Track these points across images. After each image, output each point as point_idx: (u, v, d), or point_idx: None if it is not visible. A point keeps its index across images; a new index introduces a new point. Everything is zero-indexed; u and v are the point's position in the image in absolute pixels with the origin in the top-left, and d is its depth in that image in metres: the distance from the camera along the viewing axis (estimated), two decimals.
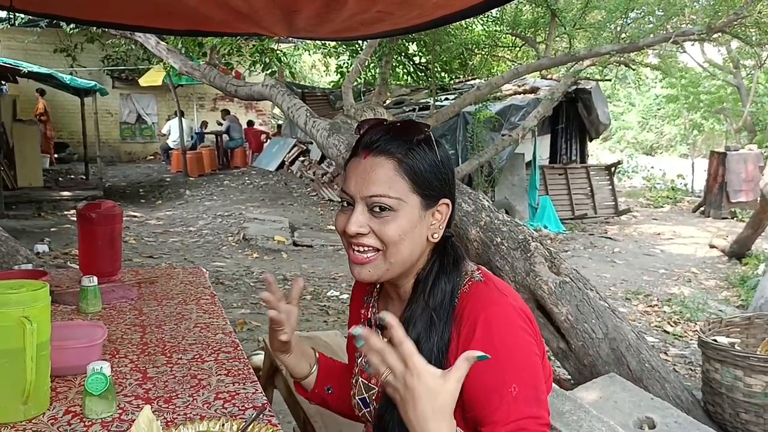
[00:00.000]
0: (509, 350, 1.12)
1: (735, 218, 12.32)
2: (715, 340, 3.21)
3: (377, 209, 1.18)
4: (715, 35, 8.62)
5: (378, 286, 1.40)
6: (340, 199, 1.24)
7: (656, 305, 6.56)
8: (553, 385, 1.52)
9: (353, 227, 1.18)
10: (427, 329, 1.18)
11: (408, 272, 1.26)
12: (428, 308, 1.20)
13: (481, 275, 1.24)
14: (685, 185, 17.25)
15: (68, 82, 11.75)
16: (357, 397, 1.37)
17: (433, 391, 0.94)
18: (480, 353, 0.95)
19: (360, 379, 1.38)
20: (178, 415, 1.45)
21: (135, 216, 10.35)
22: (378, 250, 1.20)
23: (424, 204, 1.20)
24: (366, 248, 1.20)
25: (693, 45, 14.01)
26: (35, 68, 11.45)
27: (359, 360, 1.40)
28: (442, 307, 1.20)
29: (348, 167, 1.24)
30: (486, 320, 1.14)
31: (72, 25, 9.99)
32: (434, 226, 1.23)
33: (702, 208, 13.41)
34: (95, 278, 2.19)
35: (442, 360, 1.17)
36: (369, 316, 1.40)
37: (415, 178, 1.18)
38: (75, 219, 3.41)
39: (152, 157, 18.26)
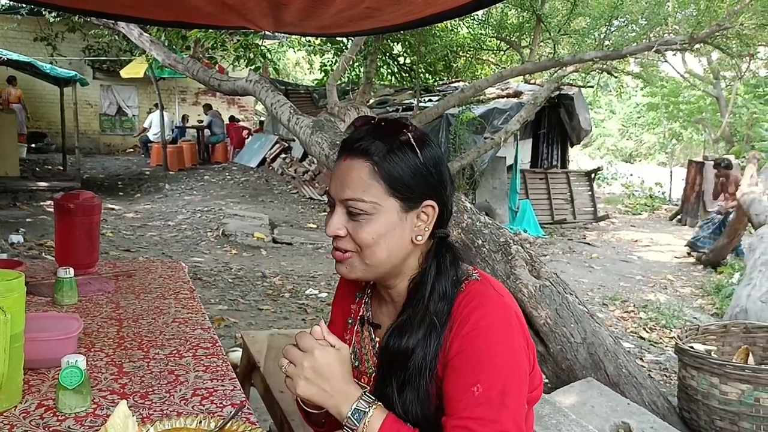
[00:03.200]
0: (489, 348, 1.12)
1: None
2: (692, 347, 3.23)
3: (353, 212, 1.17)
4: (697, 45, 8.74)
5: (371, 283, 1.38)
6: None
7: (632, 311, 6.61)
8: None
9: (330, 229, 1.20)
10: (427, 335, 1.18)
11: (395, 273, 1.25)
12: (430, 313, 1.19)
13: (478, 275, 1.23)
14: (663, 193, 17.47)
15: (48, 71, 11.59)
16: None
17: (332, 364, 1.14)
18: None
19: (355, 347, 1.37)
20: (155, 411, 1.43)
21: (113, 209, 10.22)
22: (352, 251, 1.20)
23: (403, 207, 1.18)
24: (342, 250, 1.21)
25: (674, 55, 14.19)
26: (14, 56, 11.27)
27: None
28: (442, 310, 1.19)
29: (333, 169, 1.24)
30: (478, 317, 1.14)
31: (54, 14, 9.87)
32: (419, 228, 1.21)
33: (679, 217, 13.59)
34: (72, 270, 2.16)
35: (434, 364, 1.17)
36: (360, 312, 1.38)
37: (392, 182, 1.16)
38: (51, 210, 3.36)
39: (132, 149, 18.07)
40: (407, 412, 1.18)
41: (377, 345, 1.31)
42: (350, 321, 1.40)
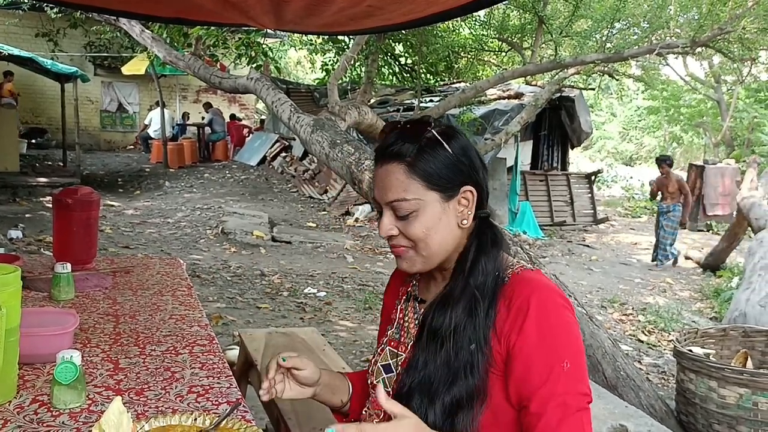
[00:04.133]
0: (562, 328, 1.17)
1: (711, 231, 12.50)
2: (691, 351, 3.23)
3: (400, 212, 1.25)
4: (699, 49, 8.72)
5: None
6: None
7: (631, 314, 6.61)
8: None
9: (382, 232, 1.28)
10: (468, 309, 1.22)
11: (450, 257, 1.30)
12: (470, 287, 1.24)
13: (531, 266, 1.29)
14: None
15: (49, 67, 11.58)
16: (380, 363, 1.39)
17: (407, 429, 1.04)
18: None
19: (388, 348, 1.40)
20: (150, 407, 1.42)
21: (112, 205, 10.22)
22: (408, 247, 1.27)
23: (444, 197, 1.26)
24: (399, 246, 1.28)
25: (676, 58, 14.22)
26: (15, 51, 11.25)
27: (389, 332, 1.43)
28: (485, 285, 1.23)
29: (373, 177, 1.32)
30: (540, 300, 1.18)
31: (55, 9, 9.86)
32: (462, 212, 1.28)
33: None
34: (69, 265, 2.15)
35: (484, 338, 1.20)
36: (408, 291, 1.44)
37: (428, 177, 1.24)
38: (50, 205, 3.35)
39: (132, 146, 18.06)
40: (454, 381, 1.19)
41: (421, 317, 1.34)
42: (397, 301, 1.46)
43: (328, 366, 2.64)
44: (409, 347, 1.34)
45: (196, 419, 1.33)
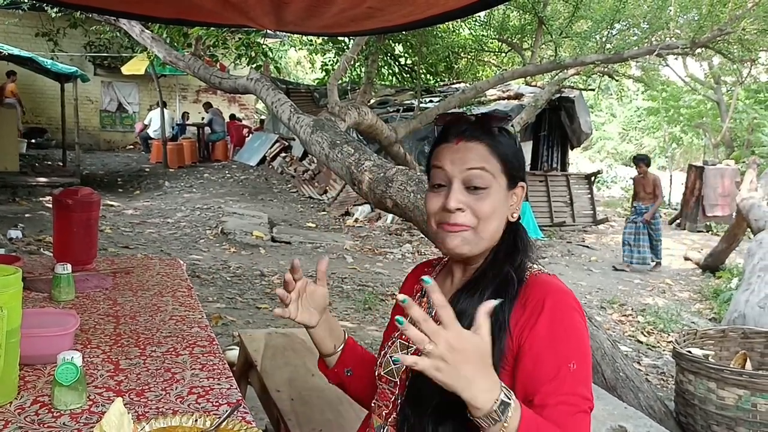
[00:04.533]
0: (573, 330, 1.19)
1: (710, 232, 12.49)
2: (690, 352, 3.23)
3: (473, 188, 1.26)
4: (698, 50, 8.73)
5: (438, 269, 1.47)
6: (431, 183, 1.33)
7: (630, 315, 6.61)
8: None
9: (453, 203, 1.25)
10: (499, 291, 1.23)
11: (488, 250, 1.32)
12: (501, 272, 1.26)
13: (548, 271, 1.31)
14: (663, 197, 17.45)
15: (49, 66, 11.57)
16: (389, 356, 1.38)
17: (478, 347, 1.00)
18: (496, 301, 1.05)
19: (398, 341, 1.39)
20: (150, 408, 1.42)
21: (112, 205, 10.21)
22: (470, 226, 1.27)
23: (508, 185, 1.30)
24: (460, 226, 1.27)
25: (676, 59, 14.23)
26: (15, 51, 11.25)
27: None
28: (515, 276, 1.25)
29: (438, 152, 1.32)
30: (555, 300, 1.21)
31: (55, 9, 9.85)
32: (513, 206, 1.32)
33: (678, 221, 13.57)
34: (69, 266, 2.15)
35: (498, 337, 1.18)
36: (422, 288, 1.43)
37: (504, 160, 1.29)
38: (50, 205, 3.35)
39: (132, 146, 18.05)
40: None
41: (434, 313, 1.31)
42: (415, 294, 1.46)
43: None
44: None
45: (196, 420, 1.33)
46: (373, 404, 1.43)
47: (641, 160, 9.12)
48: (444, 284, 1.39)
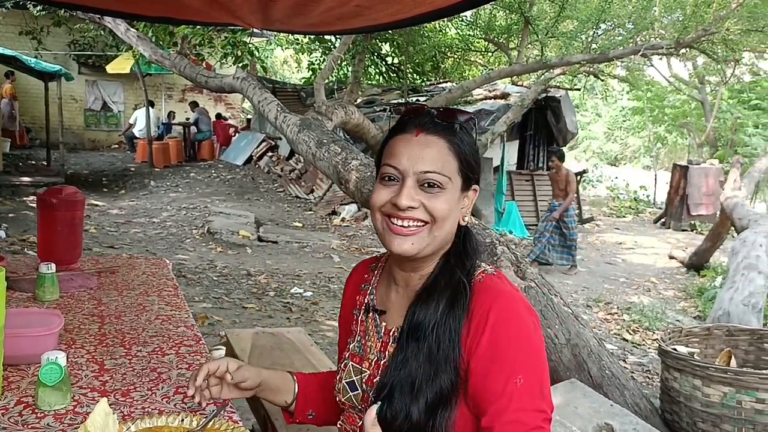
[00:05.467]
0: (520, 341, 1.14)
1: (694, 231, 12.60)
2: (675, 349, 3.25)
3: (427, 185, 1.21)
4: (683, 50, 8.80)
5: (377, 273, 1.41)
6: (381, 175, 1.26)
7: (616, 313, 6.65)
8: None
9: (405, 201, 1.20)
10: (451, 301, 1.20)
11: (438, 253, 1.28)
12: (453, 279, 1.23)
13: (493, 269, 1.27)
14: (648, 196, 17.57)
15: (33, 65, 11.47)
16: (344, 381, 1.36)
17: None
18: (376, 406, 1.10)
19: (350, 363, 1.37)
20: (136, 409, 1.41)
21: (96, 205, 10.13)
22: (425, 223, 1.22)
23: (463, 186, 1.25)
24: (412, 221, 1.21)
25: (660, 59, 14.33)
26: None
27: (351, 345, 1.39)
28: (464, 289, 1.22)
29: (393, 144, 1.25)
30: (500, 309, 1.16)
31: (39, 7, 9.77)
32: (464, 209, 1.28)
33: (663, 220, 13.67)
34: (53, 265, 2.14)
35: (455, 347, 1.17)
36: (365, 301, 1.39)
37: (462, 160, 1.24)
38: (34, 205, 3.32)
39: (117, 145, 17.92)
40: (422, 390, 1.16)
41: (383, 329, 1.32)
42: (355, 312, 1.41)
43: (315, 366, 2.64)
44: (373, 363, 1.31)
45: (182, 420, 1.32)
46: (339, 425, 1.40)
47: (554, 154, 8.57)
48: (389, 289, 1.35)
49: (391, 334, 1.30)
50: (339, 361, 1.43)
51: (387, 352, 1.28)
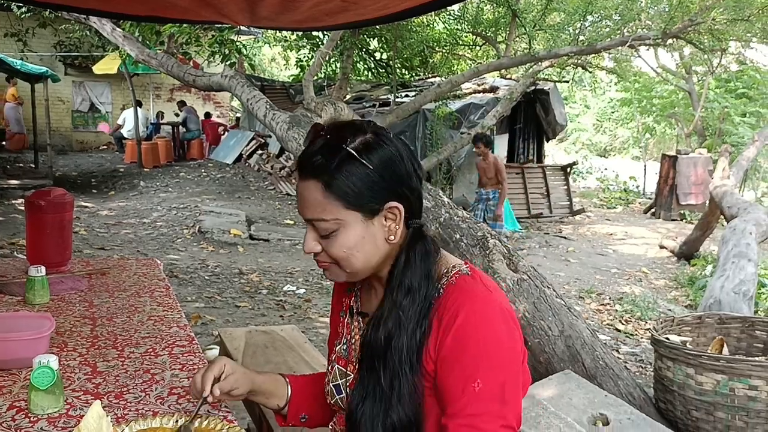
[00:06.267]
0: (484, 344, 1.12)
1: (684, 220, 12.66)
2: (668, 338, 3.26)
3: (319, 230, 1.19)
4: (670, 41, 8.83)
5: None
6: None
7: (608, 304, 6.68)
8: None
9: (306, 248, 1.22)
10: (397, 325, 1.18)
11: (383, 269, 1.26)
12: (396, 306, 1.19)
13: (468, 269, 1.23)
14: (637, 187, 17.63)
15: (18, 67, 11.37)
16: (331, 384, 1.36)
17: None
18: None
19: (336, 365, 1.37)
20: (130, 410, 1.40)
21: (86, 206, 10.08)
22: (330, 263, 1.22)
23: (366, 216, 1.18)
24: (323, 261, 1.23)
25: (648, 50, 14.39)
26: None
27: (338, 347, 1.39)
28: (411, 303, 1.19)
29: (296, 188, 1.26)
30: (468, 312, 1.14)
31: (23, 9, 9.68)
32: (389, 228, 1.21)
33: (653, 210, 13.73)
34: (43, 268, 2.12)
35: (413, 356, 1.17)
36: (351, 304, 1.39)
37: (347, 197, 1.16)
38: (23, 208, 3.30)
39: (105, 146, 17.81)
40: (392, 405, 1.17)
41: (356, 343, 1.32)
42: (342, 314, 1.41)
43: (309, 363, 2.64)
44: (356, 366, 1.31)
45: (177, 421, 1.31)
46: (331, 427, 1.41)
47: (479, 140, 8.05)
48: (370, 293, 1.35)
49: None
50: (328, 364, 1.44)
51: None
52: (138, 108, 14.71)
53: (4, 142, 15.47)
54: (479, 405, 1.09)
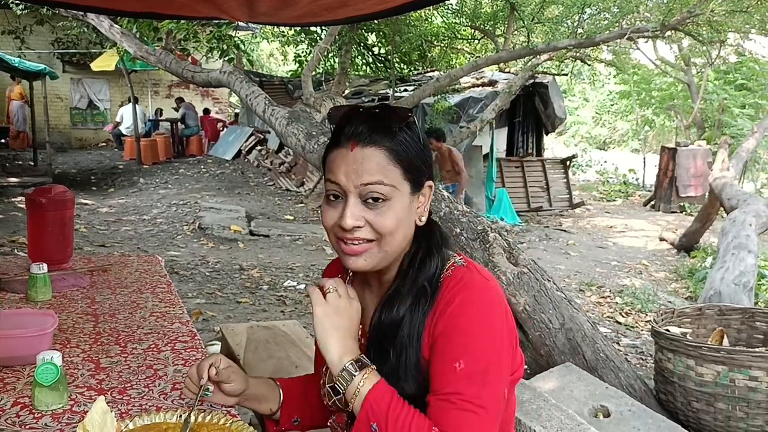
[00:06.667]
0: (472, 327, 1.13)
1: (684, 212, 12.67)
2: (668, 330, 3.27)
3: (371, 200, 1.16)
4: (668, 33, 8.82)
5: (351, 273, 1.39)
6: (326, 193, 1.22)
7: (608, 296, 6.69)
8: None
9: (350, 221, 1.16)
10: (413, 307, 1.20)
11: (398, 257, 1.26)
12: (416, 285, 1.21)
13: (463, 260, 1.25)
14: (637, 180, 17.63)
15: (16, 65, 11.34)
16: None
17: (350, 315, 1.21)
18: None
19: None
20: (133, 406, 1.41)
21: (86, 204, 10.07)
22: (372, 240, 1.18)
23: (413, 189, 1.21)
24: (360, 241, 1.18)
25: (646, 42, 14.35)
26: None
27: None
28: (428, 286, 1.21)
29: (332, 159, 1.20)
30: (462, 299, 1.16)
31: (21, 6, 9.66)
32: (420, 209, 1.24)
33: (652, 202, 13.73)
34: (45, 265, 2.12)
35: (420, 339, 1.19)
36: None
37: (406, 165, 1.18)
38: (23, 206, 3.30)
39: (104, 143, 17.77)
40: (402, 388, 1.18)
41: (359, 331, 1.31)
42: None
43: (311, 358, 2.64)
44: None
45: (180, 416, 1.32)
46: (330, 424, 1.40)
47: (430, 135, 7.86)
48: (363, 289, 1.34)
49: (367, 335, 1.31)
50: (320, 363, 1.43)
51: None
52: (135, 104, 14.68)
53: (2, 140, 15.46)
54: (457, 384, 1.10)
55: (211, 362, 1.32)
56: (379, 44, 14.36)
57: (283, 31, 14.09)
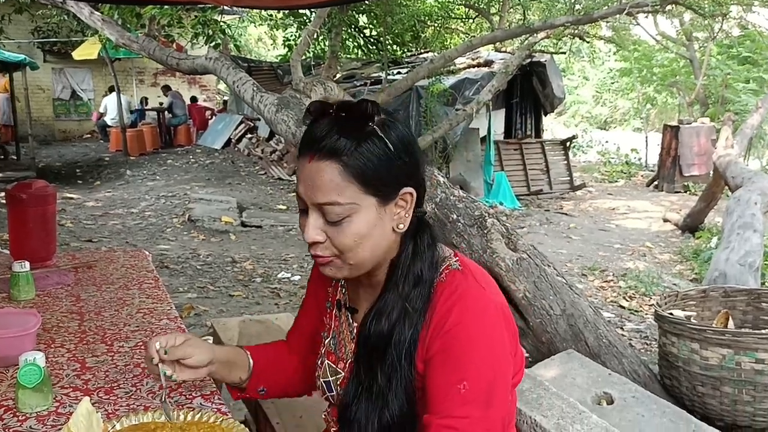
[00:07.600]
0: (471, 344, 1.10)
1: (688, 192, 12.47)
2: (671, 314, 3.20)
3: (330, 217, 1.11)
4: (669, 7, 8.65)
5: None
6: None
7: (612, 280, 6.59)
8: None
9: (309, 236, 1.12)
10: (401, 318, 1.15)
11: (381, 263, 1.20)
12: (401, 298, 1.16)
13: (458, 263, 1.19)
14: (639, 159, 17.42)
15: None
16: (321, 380, 1.33)
17: None
18: None
19: (326, 361, 1.33)
20: (121, 406, 1.39)
21: (71, 198, 9.91)
22: (332, 256, 1.14)
23: (381, 201, 1.13)
24: (324, 255, 1.15)
25: (646, 17, 14.15)
26: None
27: (326, 341, 1.35)
28: (418, 294, 1.15)
29: (297, 167, 1.15)
30: (459, 312, 1.11)
31: None
32: (399, 216, 1.16)
33: (656, 183, 13.55)
34: (27, 263, 2.08)
35: (412, 350, 1.14)
36: (338, 296, 1.35)
37: (366, 180, 1.09)
38: (4, 201, 3.22)
39: (89, 135, 17.57)
40: (388, 402, 1.14)
41: (355, 330, 1.28)
42: (328, 305, 1.37)
43: None
44: (348, 365, 1.27)
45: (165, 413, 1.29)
46: (324, 417, 1.39)
47: None
48: (358, 287, 1.29)
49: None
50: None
51: None
52: (119, 94, 14.48)
53: None
54: (463, 408, 1.07)
55: (159, 342, 1.27)
56: (371, 26, 14.20)
57: (272, 15, 13.89)
